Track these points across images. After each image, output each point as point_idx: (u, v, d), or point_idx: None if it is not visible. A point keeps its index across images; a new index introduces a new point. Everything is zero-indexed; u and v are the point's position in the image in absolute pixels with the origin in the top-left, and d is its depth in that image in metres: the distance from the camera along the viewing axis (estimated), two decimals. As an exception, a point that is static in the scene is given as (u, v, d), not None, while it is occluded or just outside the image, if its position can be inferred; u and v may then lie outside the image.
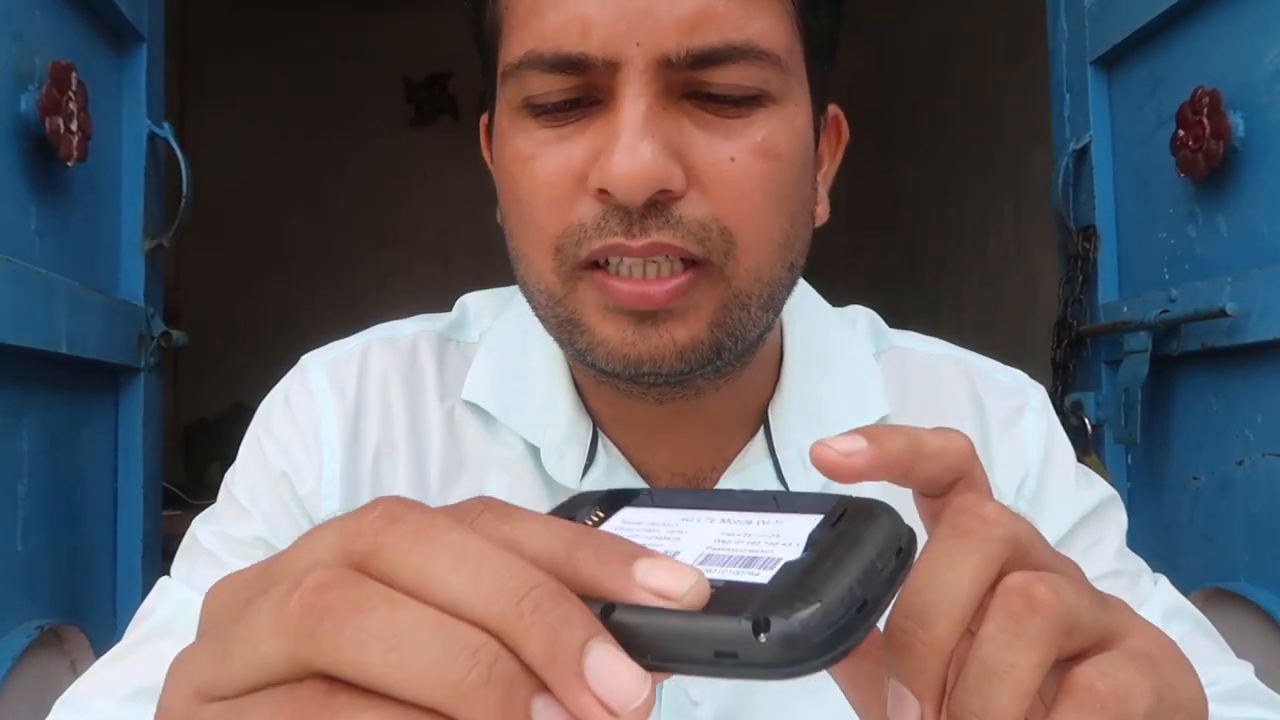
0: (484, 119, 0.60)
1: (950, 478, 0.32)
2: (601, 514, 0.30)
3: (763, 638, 0.22)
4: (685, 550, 0.26)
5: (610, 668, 0.21)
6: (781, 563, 0.25)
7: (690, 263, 0.48)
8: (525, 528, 0.24)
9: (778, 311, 0.54)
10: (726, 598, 0.23)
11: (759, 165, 0.49)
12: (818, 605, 0.22)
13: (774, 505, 0.28)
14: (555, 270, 0.50)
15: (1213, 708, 0.53)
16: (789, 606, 0.22)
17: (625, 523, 0.29)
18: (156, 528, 1.34)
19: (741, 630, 0.22)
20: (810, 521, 0.27)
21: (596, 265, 0.49)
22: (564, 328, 0.51)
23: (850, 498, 0.27)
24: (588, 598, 0.23)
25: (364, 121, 3.47)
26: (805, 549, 0.25)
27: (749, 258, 0.49)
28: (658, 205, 0.47)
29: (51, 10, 1.08)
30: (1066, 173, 1.38)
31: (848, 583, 0.23)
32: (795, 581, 0.23)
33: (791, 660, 0.22)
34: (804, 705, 0.55)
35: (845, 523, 0.26)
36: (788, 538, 0.26)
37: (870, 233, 3.18)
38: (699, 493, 0.30)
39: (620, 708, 0.21)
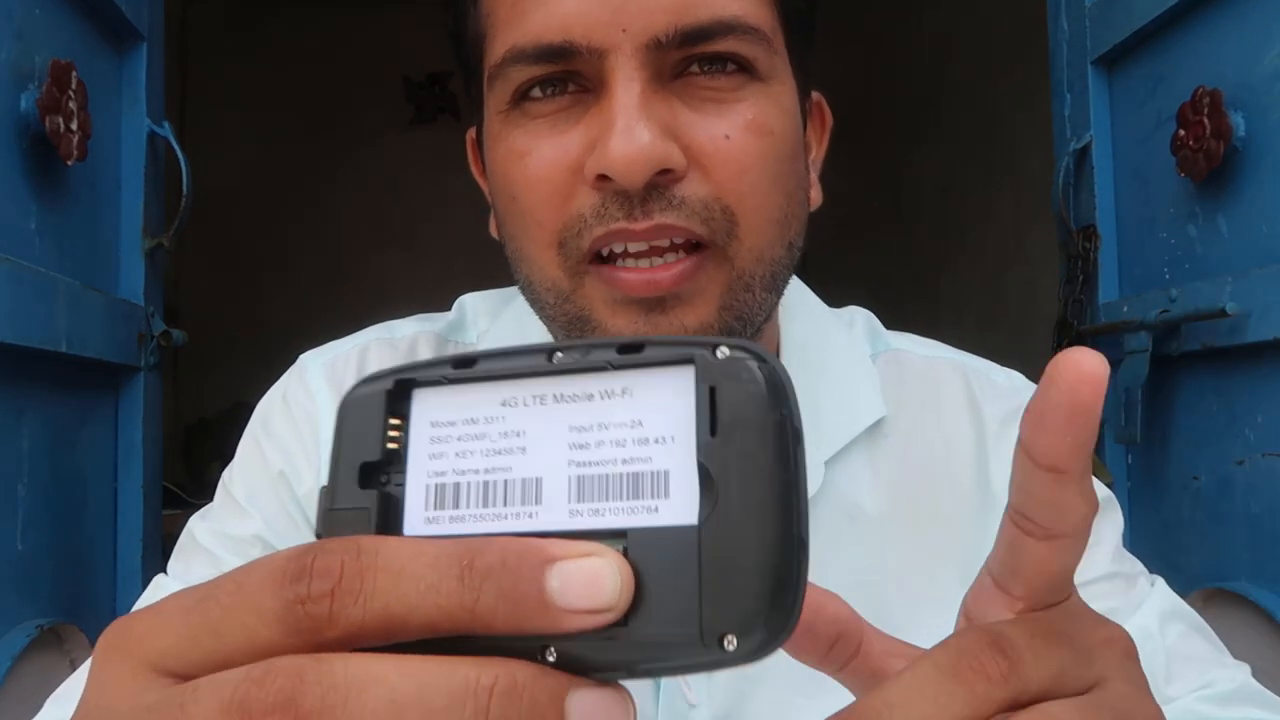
0: (470, 134, 0.61)
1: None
2: (398, 422, 0.24)
3: (729, 643, 0.20)
4: (545, 471, 0.23)
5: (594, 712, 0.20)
6: (670, 483, 0.22)
7: (693, 248, 0.48)
8: (400, 594, 0.21)
9: (779, 293, 0.54)
10: (655, 581, 0.21)
11: (754, 142, 0.49)
12: (771, 583, 0.21)
13: (608, 366, 0.23)
14: (560, 265, 0.50)
15: (1209, 709, 0.53)
16: (741, 596, 0.20)
17: (435, 425, 0.24)
18: (156, 527, 1.33)
19: (707, 647, 0.20)
20: (667, 390, 0.22)
21: (601, 259, 0.49)
22: (574, 326, 0.51)
23: (703, 353, 0.22)
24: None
25: (364, 121, 3.46)
26: (700, 475, 0.21)
27: (750, 237, 0.49)
28: (659, 187, 0.47)
29: (51, 9, 1.08)
30: (1067, 173, 1.38)
31: (781, 533, 0.21)
32: (725, 553, 0.21)
33: (762, 647, 0.21)
34: (803, 706, 0.55)
35: (727, 420, 0.22)
36: (655, 427, 0.22)
37: (870, 233, 3.17)
38: (500, 355, 0.24)
39: None
